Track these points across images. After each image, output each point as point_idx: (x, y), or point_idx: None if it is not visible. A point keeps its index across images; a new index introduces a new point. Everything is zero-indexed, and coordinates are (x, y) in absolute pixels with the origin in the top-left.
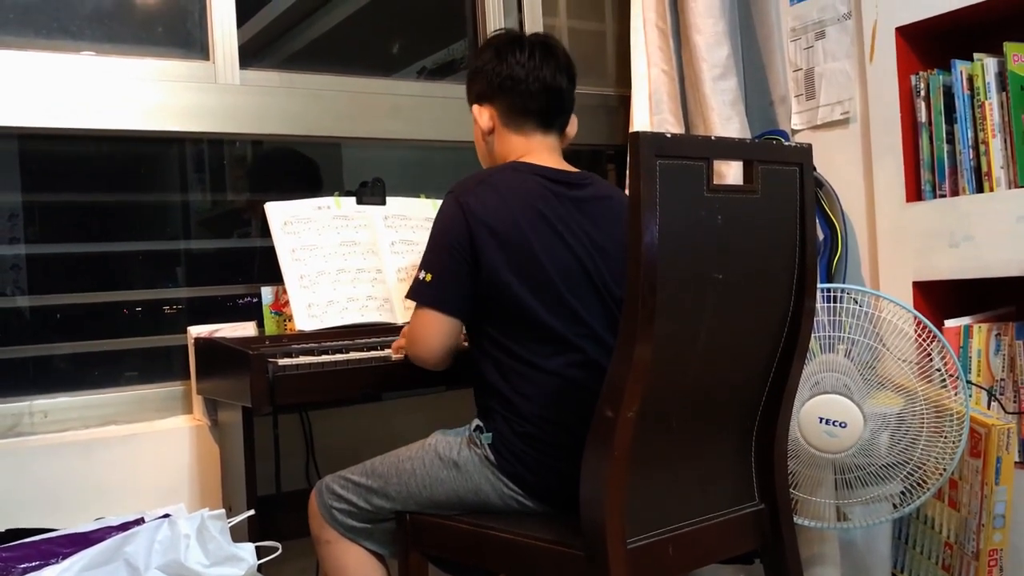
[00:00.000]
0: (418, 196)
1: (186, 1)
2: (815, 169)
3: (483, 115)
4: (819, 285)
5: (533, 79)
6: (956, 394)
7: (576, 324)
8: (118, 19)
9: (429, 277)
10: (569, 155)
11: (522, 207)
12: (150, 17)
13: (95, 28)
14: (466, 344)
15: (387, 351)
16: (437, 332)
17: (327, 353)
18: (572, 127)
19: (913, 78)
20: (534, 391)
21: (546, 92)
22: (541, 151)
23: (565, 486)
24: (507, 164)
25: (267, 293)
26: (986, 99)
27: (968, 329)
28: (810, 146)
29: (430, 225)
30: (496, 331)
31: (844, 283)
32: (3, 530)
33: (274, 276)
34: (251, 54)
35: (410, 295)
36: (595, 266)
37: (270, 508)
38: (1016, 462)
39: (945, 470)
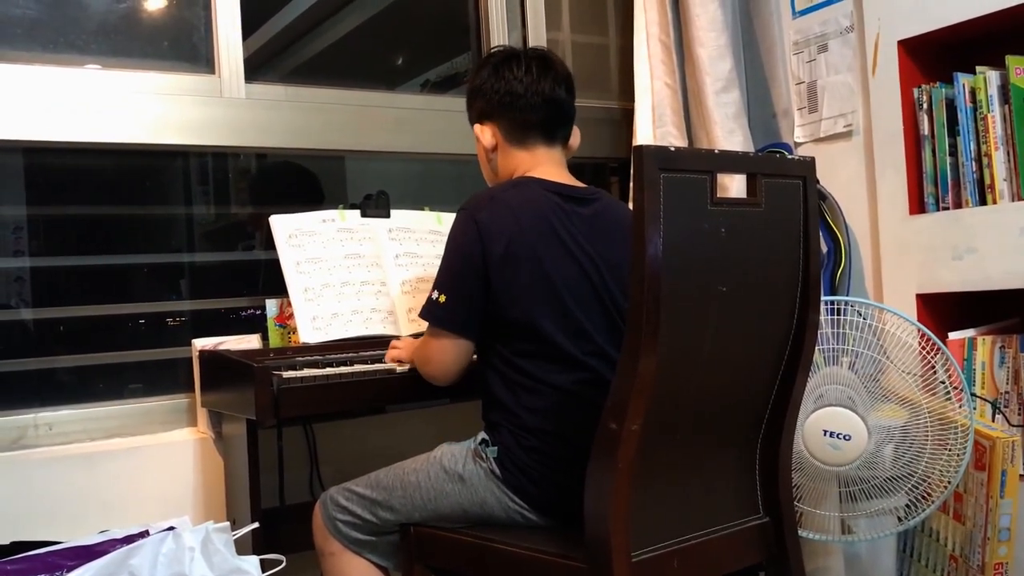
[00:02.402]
0: (422, 209)
1: (191, 15)
2: (818, 182)
3: (485, 133)
4: (823, 298)
5: (532, 93)
6: (960, 407)
7: (583, 341)
8: (124, 33)
9: (443, 299)
10: (573, 168)
11: (533, 223)
12: (156, 31)
13: (101, 42)
14: (475, 358)
15: (392, 364)
16: (452, 354)
17: (331, 366)
18: (575, 139)
19: (916, 91)
20: (541, 406)
21: (546, 104)
22: (547, 165)
23: (570, 500)
24: (517, 179)
25: (271, 305)
26: (989, 112)
27: (972, 341)
28: (813, 159)
29: (434, 237)
30: (505, 347)
31: (848, 295)
32: (8, 543)
33: (279, 288)
34: (255, 67)
35: (424, 316)
36: (602, 282)
37: (274, 521)
38: (1021, 475)
39: (950, 483)
